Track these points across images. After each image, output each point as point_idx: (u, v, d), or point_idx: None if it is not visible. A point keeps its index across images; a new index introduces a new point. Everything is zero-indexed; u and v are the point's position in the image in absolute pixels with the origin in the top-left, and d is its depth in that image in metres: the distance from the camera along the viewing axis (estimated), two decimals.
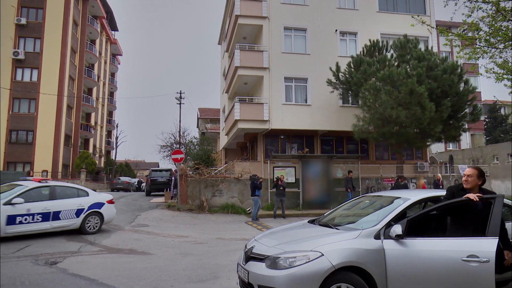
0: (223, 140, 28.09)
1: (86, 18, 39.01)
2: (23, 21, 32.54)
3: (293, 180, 17.57)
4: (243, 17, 19.93)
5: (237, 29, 20.69)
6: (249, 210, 16.54)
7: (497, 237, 3.75)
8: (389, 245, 3.98)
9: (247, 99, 19.94)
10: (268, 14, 19.86)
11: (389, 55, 17.07)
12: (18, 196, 9.20)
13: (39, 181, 10.28)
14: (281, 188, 15.07)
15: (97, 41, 43.79)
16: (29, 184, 9.87)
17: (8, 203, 8.95)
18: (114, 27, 52.54)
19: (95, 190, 12.29)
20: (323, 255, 3.79)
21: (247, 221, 14.33)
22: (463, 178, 4.01)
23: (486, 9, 7.20)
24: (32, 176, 13.83)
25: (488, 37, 7.41)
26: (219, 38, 32.01)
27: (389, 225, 4.10)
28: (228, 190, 17.37)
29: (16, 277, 5.87)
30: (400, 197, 4.70)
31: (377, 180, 18.53)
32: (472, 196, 3.83)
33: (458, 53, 8.31)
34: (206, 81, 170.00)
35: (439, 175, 17.29)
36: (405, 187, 15.37)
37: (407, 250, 3.96)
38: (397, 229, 3.92)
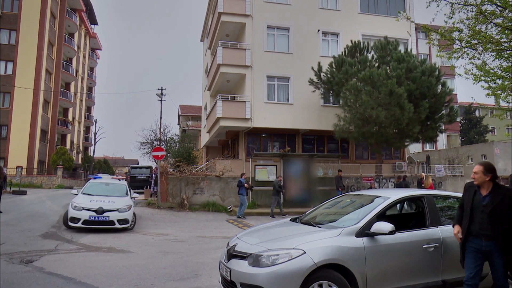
0: (204, 138, 27.94)
1: (64, 10, 37.97)
2: None
3: (275, 179, 17.62)
4: (226, 15, 19.84)
5: (220, 26, 20.58)
6: (230, 208, 16.53)
7: (437, 226, 4.48)
8: (370, 243, 4.08)
9: (229, 97, 19.89)
10: (251, 12, 19.85)
11: (370, 56, 17.36)
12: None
13: (119, 180, 11.26)
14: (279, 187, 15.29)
15: (76, 35, 42.71)
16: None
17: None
18: (93, 21, 51.37)
19: (72, 187, 12.33)
20: (305, 252, 3.84)
21: (228, 219, 14.32)
22: (471, 176, 4.15)
23: (467, 11, 7.39)
24: None
25: (469, 39, 7.63)
26: (201, 35, 31.78)
27: (370, 223, 4.18)
28: (209, 188, 17.31)
29: None
30: (380, 196, 4.80)
31: (357, 179, 18.83)
32: (456, 231, 4.02)
33: (439, 51, 8.51)
34: (188, 78, 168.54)
35: (423, 174, 17.73)
36: (407, 186, 15.87)
37: (384, 245, 4.14)
38: (386, 226, 4.05)
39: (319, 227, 4.58)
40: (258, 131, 19.99)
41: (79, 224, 10.15)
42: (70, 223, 10.27)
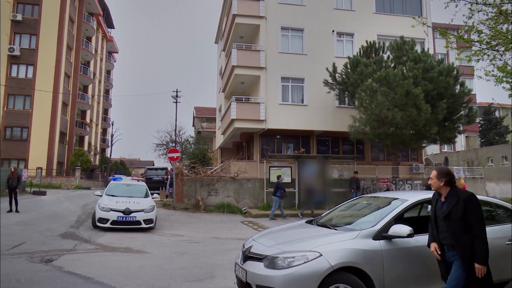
0: (219, 139, 28.05)
1: (82, 15, 38.80)
2: (19, 17, 32.32)
3: (289, 180, 17.58)
4: (240, 17, 19.91)
5: (234, 28, 20.66)
6: (244, 209, 16.56)
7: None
8: (387, 246, 4.02)
9: (243, 99, 19.93)
10: (265, 13, 19.86)
11: (385, 56, 17.15)
12: None
13: (138, 181, 11.67)
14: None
15: (93, 39, 43.56)
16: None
17: None
18: (110, 25, 52.28)
19: (89, 188, 12.67)
20: (321, 255, 3.81)
21: (243, 220, 14.34)
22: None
23: (487, 12, 7.22)
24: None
25: (489, 40, 7.44)
26: (216, 37, 31.96)
27: (387, 226, 4.12)
28: (224, 190, 17.37)
29: (12, 274, 5.83)
30: (398, 198, 4.72)
31: (373, 181, 18.61)
32: (432, 249, 3.76)
33: (458, 54, 8.33)
34: (202, 80, 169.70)
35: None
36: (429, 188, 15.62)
37: (402, 249, 4.07)
38: (404, 228, 3.95)
39: (335, 229, 4.53)
40: (272, 133, 19.96)
41: (107, 225, 10.52)
42: (98, 224, 10.60)
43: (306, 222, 5.39)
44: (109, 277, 5.88)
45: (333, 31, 20.38)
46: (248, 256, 4.33)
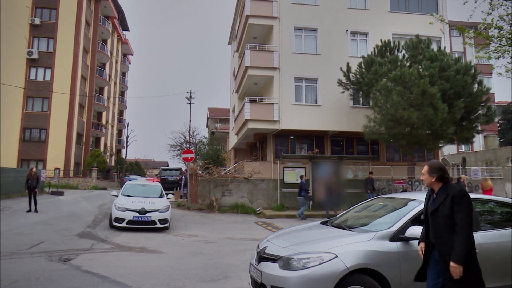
0: (232, 140, 28.14)
1: (98, 18, 39.46)
2: (37, 21, 33.05)
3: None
4: (253, 17, 19.94)
5: (248, 29, 20.70)
6: (258, 210, 16.57)
7: (476, 232, 3.90)
8: (404, 248, 3.96)
9: (257, 99, 19.94)
10: (278, 14, 19.84)
11: (400, 55, 16.93)
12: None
13: (153, 181, 12.17)
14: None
15: (109, 41, 44.24)
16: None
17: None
18: (125, 27, 53.03)
19: (105, 189, 12.91)
20: (337, 256, 3.78)
21: (257, 221, 14.34)
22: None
23: (508, 6, 7.03)
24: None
25: (510, 36, 7.24)
26: (229, 38, 32.08)
27: (404, 227, 4.06)
28: (238, 190, 17.40)
29: (31, 272, 5.96)
30: (414, 199, 4.64)
31: (388, 182, 18.36)
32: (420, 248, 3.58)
33: (477, 52, 8.15)
34: (215, 81, 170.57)
35: (464, 176, 17.09)
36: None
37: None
38: (421, 230, 3.87)
39: (351, 230, 4.49)
40: (286, 133, 19.91)
41: (123, 224, 10.68)
42: (114, 223, 10.78)
43: (321, 223, 5.36)
44: (125, 277, 5.95)
45: (347, 30, 20.22)
46: (262, 257, 4.32)
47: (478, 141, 34.86)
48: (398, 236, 4.02)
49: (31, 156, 31.96)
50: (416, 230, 3.91)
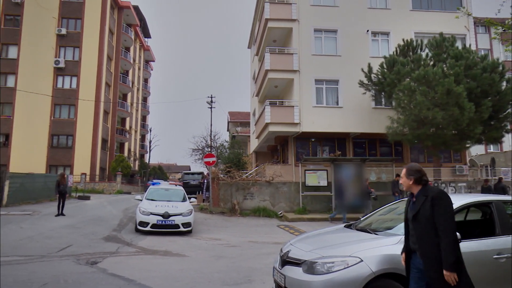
0: (253, 143, 28.19)
1: (121, 26, 40.47)
2: (63, 31, 34.22)
3: (325, 184, 17.32)
4: (272, 21, 19.97)
5: (267, 32, 20.74)
6: (280, 213, 16.50)
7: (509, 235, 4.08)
8: None
9: (277, 102, 19.92)
10: (297, 16, 19.80)
11: (424, 54, 16.55)
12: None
13: (175, 185, 12.41)
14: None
15: (131, 48, 45.28)
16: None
17: None
18: (147, 34, 54.14)
19: (130, 193, 13.12)
20: (362, 260, 3.71)
21: (279, 224, 14.29)
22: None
23: None
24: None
25: None
26: (249, 42, 32.24)
27: None
28: (260, 194, 17.39)
29: (60, 275, 6.13)
30: None
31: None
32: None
33: (506, 47, 7.86)
34: (236, 85, 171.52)
35: (499, 177, 16.53)
36: (504, 190, 15.00)
37: None
38: None
39: (376, 234, 4.40)
40: (307, 136, 19.80)
41: (148, 228, 10.84)
42: (139, 227, 10.96)
43: (344, 226, 5.28)
44: (150, 280, 6.03)
45: (367, 30, 19.95)
46: (286, 260, 4.29)
47: (508, 141, 33.52)
48: None
49: (59, 161, 33.00)
50: None
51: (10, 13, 34.48)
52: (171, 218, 10.93)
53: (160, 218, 10.87)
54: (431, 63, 15.94)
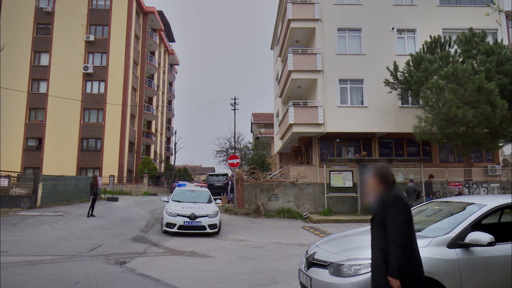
0: (277, 145, 28.14)
1: (146, 31, 41.38)
2: (91, 38, 35.33)
3: (351, 185, 17.06)
4: (295, 21, 19.89)
5: (290, 33, 20.68)
6: (305, 215, 16.38)
7: None
8: (465, 255, 3.71)
9: (301, 103, 19.81)
10: (320, 16, 19.64)
11: (452, 51, 16.05)
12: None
13: (201, 187, 12.62)
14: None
15: (156, 53, 46.19)
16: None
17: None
18: (171, 39, 55.10)
19: (156, 194, 13.34)
20: None
21: (304, 226, 14.19)
22: None
23: None
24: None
25: None
26: (271, 43, 32.25)
27: (464, 233, 3.81)
28: (284, 195, 17.34)
29: (91, 274, 6.32)
30: (474, 203, 4.35)
31: (443, 185, 17.40)
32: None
33: None
34: (259, 86, 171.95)
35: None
36: None
37: (482, 258, 3.73)
38: (484, 236, 3.63)
39: None
40: (331, 136, 19.58)
41: (175, 229, 10.96)
42: (166, 228, 11.09)
43: None
44: (177, 280, 6.12)
45: (393, 28, 19.55)
46: (312, 262, 4.25)
47: None
48: (457, 242, 3.77)
49: (89, 164, 34.06)
50: (478, 236, 3.66)
51: (42, 22, 35.91)
52: (197, 220, 11.02)
53: (187, 219, 10.97)
54: (460, 59, 15.46)
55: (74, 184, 21.32)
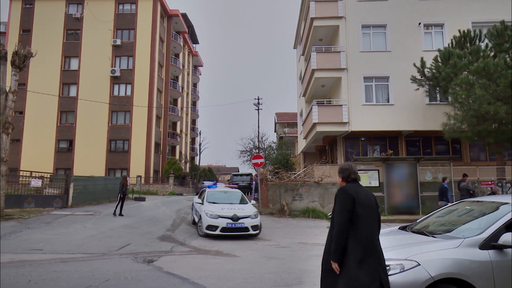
0: (301, 144, 27.98)
1: (170, 34, 42.10)
2: (118, 42, 36.30)
3: (377, 184, 16.73)
4: (318, 19, 19.72)
5: (313, 31, 20.52)
6: (330, 214, 16.20)
7: None
8: (498, 256, 3.57)
9: (325, 102, 19.63)
10: (344, 13, 19.38)
11: (483, 45, 15.45)
12: None
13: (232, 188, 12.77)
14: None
15: (181, 55, 46.92)
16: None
17: None
18: (195, 40, 55.82)
19: (182, 194, 13.37)
20: (419, 264, 3.54)
21: (329, 226, 14.03)
22: None
23: None
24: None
25: None
26: (294, 42, 32.10)
27: (497, 234, 3.67)
28: (308, 194, 17.22)
29: (120, 272, 6.49)
30: (508, 203, 4.19)
31: (474, 184, 16.79)
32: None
33: None
34: (282, 86, 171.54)
35: None
36: None
37: None
38: None
39: (434, 237, 4.18)
40: (356, 135, 19.29)
41: (217, 232, 10.40)
42: (207, 231, 10.48)
43: (399, 228, 5.07)
44: (203, 279, 6.19)
45: (419, 23, 19.04)
46: None
47: None
48: (490, 243, 3.64)
49: (117, 165, 35.01)
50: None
51: (71, 28, 37.21)
52: (240, 221, 10.44)
53: (230, 221, 10.40)
54: (492, 54, 14.87)
55: (103, 185, 21.95)
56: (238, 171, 51.60)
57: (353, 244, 3.19)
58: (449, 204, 5.45)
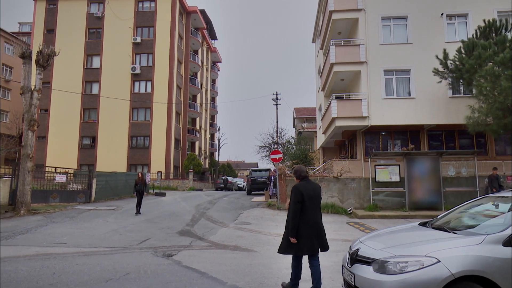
0: (320, 139, 27.76)
1: (189, 30, 42.39)
2: (138, 39, 36.83)
3: (397, 179, 16.42)
4: (337, 12, 19.42)
5: (331, 25, 20.24)
6: (350, 210, 16.04)
7: None
8: None
9: (344, 96, 19.36)
10: (363, 5, 19.01)
11: (509, 35, 14.87)
12: None
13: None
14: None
15: (199, 51, 47.19)
16: None
17: None
18: (213, 37, 56.01)
19: (201, 189, 13.42)
20: (439, 261, 3.44)
21: (348, 221, 13.89)
22: None
23: None
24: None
25: None
26: (313, 36, 31.77)
27: None
28: (327, 190, 17.07)
29: (141, 266, 6.63)
30: None
31: (500, 179, 16.23)
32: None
33: None
34: (301, 81, 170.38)
35: None
36: None
37: None
38: None
39: (455, 233, 4.06)
40: (376, 129, 18.96)
41: None
42: None
43: (419, 224, 4.97)
44: (221, 273, 6.25)
45: (442, 14, 18.49)
46: (356, 259, 4.16)
47: None
48: None
49: (138, 161, 35.67)
50: None
51: (93, 27, 37.98)
52: None
53: None
54: None
55: (125, 180, 22.42)
56: (257, 167, 51.73)
57: (302, 225, 4.99)
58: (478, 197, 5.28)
